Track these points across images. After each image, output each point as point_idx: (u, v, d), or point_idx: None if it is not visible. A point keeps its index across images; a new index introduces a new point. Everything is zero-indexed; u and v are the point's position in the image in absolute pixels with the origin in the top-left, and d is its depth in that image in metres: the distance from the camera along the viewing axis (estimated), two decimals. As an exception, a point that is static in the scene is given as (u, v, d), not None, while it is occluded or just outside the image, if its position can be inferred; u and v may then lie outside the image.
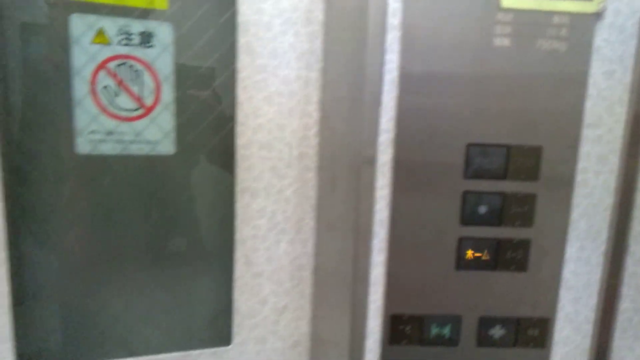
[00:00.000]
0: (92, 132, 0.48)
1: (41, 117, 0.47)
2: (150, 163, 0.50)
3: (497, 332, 0.52)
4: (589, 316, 0.53)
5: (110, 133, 0.49)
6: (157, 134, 0.50)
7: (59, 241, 0.51)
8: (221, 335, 0.56)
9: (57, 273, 0.51)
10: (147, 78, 0.48)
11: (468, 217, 0.50)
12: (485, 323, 0.52)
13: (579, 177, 0.50)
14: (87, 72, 0.47)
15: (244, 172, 0.53)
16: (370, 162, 0.48)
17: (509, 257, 0.51)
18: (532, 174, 0.49)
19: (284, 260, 0.56)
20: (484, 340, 0.52)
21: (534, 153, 0.49)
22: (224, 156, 0.52)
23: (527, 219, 0.50)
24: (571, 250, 0.51)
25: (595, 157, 0.50)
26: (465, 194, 0.49)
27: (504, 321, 0.52)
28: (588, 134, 0.49)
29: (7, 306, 0.47)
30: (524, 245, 0.50)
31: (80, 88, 0.47)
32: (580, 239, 0.51)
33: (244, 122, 0.52)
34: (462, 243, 0.50)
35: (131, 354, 0.53)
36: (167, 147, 0.50)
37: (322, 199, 0.55)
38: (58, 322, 0.51)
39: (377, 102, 0.48)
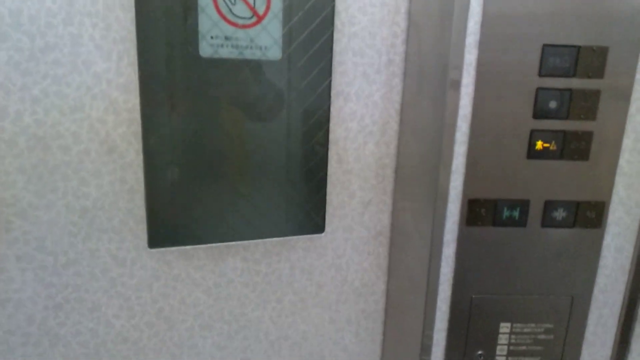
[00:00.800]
0: (213, 37, 0.55)
1: (169, 24, 0.54)
2: (261, 67, 0.58)
3: (559, 214, 0.61)
4: (639, 201, 0.62)
5: (228, 38, 0.55)
6: (268, 40, 0.57)
7: (180, 137, 0.58)
8: (316, 224, 0.65)
9: (180, 173, 0.60)
10: (262, -13, 0.55)
11: (540, 112, 0.57)
12: (550, 206, 0.61)
13: (639, 75, 0.57)
14: (209, -18, 0.53)
15: (339, 76, 0.60)
16: (459, 61, 0.55)
17: (573, 147, 0.59)
18: (598, 72, 0.56)
19: (370, 159, 0.64)
20: (548, 221, 0.61)
21: (601, 53, 0.56)
22: (322, 62, 0.59)
23: (591, 113, 0.58)
24: (627, 141, 0.59)
25: (653, 57, 0.57)
26: (539, 90, 0.57)
27: (565, 205, 0.61)
28: (649, 36, 0.56)
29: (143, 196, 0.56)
30: (587, 136, 0.58)
31: (202, -3, 0.54)
32: (636, 131, 0.59)
33: (340, 29, 0.58)
34: (533, 134, 0.58)
35: (242, 238, 0.62)
36: (275, 52, 0.58)
37: (406, 104, 0.62)
38: (182, 209, 0.60)
39: (465, 9, 0.55)
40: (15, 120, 0.50)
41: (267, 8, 0.56)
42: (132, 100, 0.53)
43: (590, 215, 0.61)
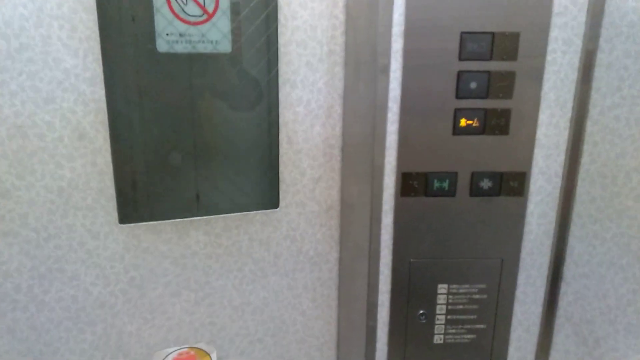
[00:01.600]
0: (168, 34, 0.63)
1: (128, 24, 0.62)
2: (213, 60, 0.65)
3: (485, 184, 0.69)
4: (558, 171, 0.69)
5: (181, 35, 0.63)
6: (218, 35, 0.64)
7: (143, 124, 0.66)
8: (271, 200, 0.73)
9: (145, 156, 0.67)
10: (209, -11, 0.62)
11: (462, 92, 0.65)
12: (476, 177, 0.68)
13: (549, 57, 0.64)
14: (163, -14, 0.61)
15: (285, 66, 0.67)
16: (387, 49, 0.63)
17: (494, 123, 0.66)
18: (512, 55, 0.64)
19: (318, 140, 0.72)
20: (475, 191, 0.69)
21: (513, 38, 0.63)
22: (268, 53, 0.67)
23: (508, 92, 0.65)
24: (543, 117, 0.67)
25: (561, 40, 0.64)
26: (460, 73, 0.64)
27: (490, 175, 0.68)
28: (556, 21, 0.63)
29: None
30: (505, 113, 0.66)
31: None
32: (550, 107, 0.66)
33: (284, 23, 0.66)
34: (457, 113, 0.65)
35: (205, 214, 0.70)
36: (225, 46, 0.65)
37: (347, 89, 0.70)
38: (148, 188, 0.68)
39: (390, 2, 0.62)
40: (-5, 112, 0.58)
41: (216, 6, 0.64)
42: (98, 92, 0.61)
43: (513, 184, 0.69)
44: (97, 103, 0.62)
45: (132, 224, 0.67)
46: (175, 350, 0.73)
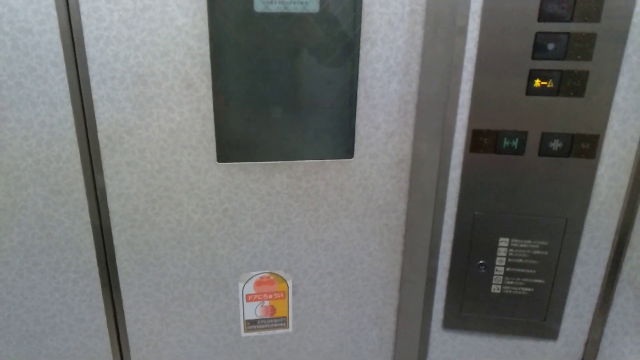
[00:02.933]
0: (264, -5, 0.71)
1: (231, -14, 0.71)
2: (302, 19, 0.73)
3: (555, 145, 0.71)
4: (634, 135, 0.70)
5: (275, -4, 0.71)
6: (307, -3, 0.72)
7: (241, 76, 0.76)
8: (347, 150, 0.81)
9: (240, 105, 0.78)
10: (302, -47, 0.69)
11: (538, 53, 0.67)
12: (546, 138, 0.71)
13: (635, 19, 0.64)
14: (261, -49, 0.69)
15: (367, 24, 0.73)
16: (466, 10, 0.66)
17: (569, 85, 0.68)
18: (595, 16, 0.64)
19: (394, 96, 0.78)
20: (544, 151, 0.72)
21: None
22: (353, 12, 0.73)
23: (587, 54, 0.66)
24: (623, 80, 0.67)
25: (650, 1, 0.63)
26: (538, 34, 0.66)
27: (561, 136, 0.71)
28: (646, -18, 0.63)
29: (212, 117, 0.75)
30: (582, 75, 0.67)
31: (256, -37, 0.69)
32: (632, 70, 0.67)
33: (368, -14, 0.71)
34: (532, 73, 0.68)
35: (288, 159, 0.80)
36: (313, 6, 0.72)
37: (426, 48, 0.75)
38: (243, 133, 0.79)
39: (471, -37, 0.65)
40: (124, 62, 0.71)
41: (307, -30, 0.71)
42: (204, 47, 0.72)
43: (584, 146, 0.71)
44: (203, 57, 0.72)
45: (228, 163, 0.79)
46: (258, 274, 0.86)
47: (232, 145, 0.80)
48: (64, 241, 0.79)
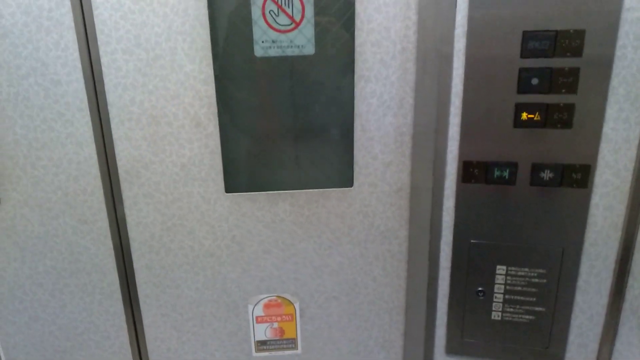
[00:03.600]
0: (263, 41, 0.78)
1: (232, 35, 0.78)
2: (299, 61, 0.79)
3: (546, 175, 0.73)
4: (628, 165, 0.71)
5: (274, 41, 0.78)
6: (303, 40, 0.78)
7: (245, 115, 0.83)
8: (346, 179, 0.86)
9: (245, 140, 0.85)
10: (297, 2, 0.76)
11: (523, 88, 0.70)
12: (537, 168, 0.73)
13: (619, 52, 0.66)
14: (260, 2, 0.76)
15: (361, 63, 0.78)
16: (450, 48, 0.70)
17: (556, 117, 0.70)
18: (576, 51, 0.67)
19: (389, 128, 0.82)
20: (536, 181, 0.74)
21: (578, 35, 0.66)
22: (346, 53, 0.79)
23: (572, 88, 0.68)
24: (611, 111, 0.69)
25: (632, 35, 0.65)
26: (521, 70, 0.69)
27: (551, 167, 0.72)
28: (627, 17, 0.64)
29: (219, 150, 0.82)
30: (568, 108, 0.69)
31: (255, 12, 0.76)
32: (619, 102, 0.68)
33: (360, 27, 0.77)
34: (518, 107, 0.71)
35: (291, 188, 0.86)
36: (310, 49, 0.78)
37: (417, 83, 0.79)
38: (247, 166, 0.86)
39: (453, 5, 0.69)
40: (139, 105, 0.80)
41: (302, 16, 0.77)
42: (210, 90, 0.80)
43: (576, 176, 0.72)
44: (210, 98, 0.80)
45: (235, 193, 0.86)
46: (266, 297, 0.92)
47: (238, 177, 0.87)
48: (90, 265, 0.89)
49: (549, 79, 0.68)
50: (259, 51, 0.78)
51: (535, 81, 0.69)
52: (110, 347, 0.94)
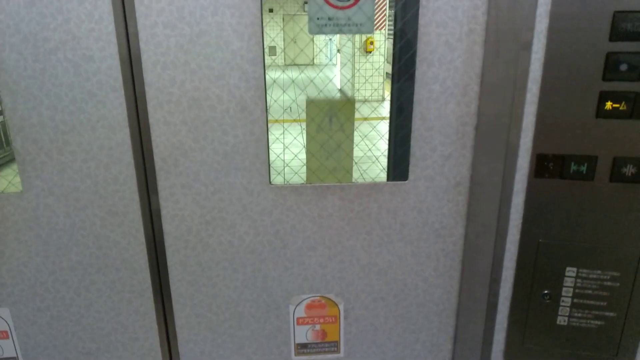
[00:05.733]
0: (319, 18, 0.74)
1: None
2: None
3: (629, 170, 0.70)
4: None
5: (330, 19, 0.74)
6: (363, 18, 0.74)
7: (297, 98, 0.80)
8: (401, 172, 0.82)
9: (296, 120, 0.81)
10: (358, -25, 0.72)
11: (610, 74, 0.66)
12: (619, 162, 0.70)
13: None
14: (317, -26, 0.72)
15: (424, 45, 0.75)
16: (530, 29, 0.67)
17: (645, 107, 0.67)
18: (673, 35, 0.63)
19: (451, 117, 0.79)
20: (616, 176, 0.71)
21: (677, 17, 0.63)
22: (408, 34, 0.75)
23: (664, 75, 0.65)
24: None
25: None
26: (609, 55, 0.66)
27: (636, 161, 0.69)
28: None
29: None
30: (659, 97, 0.66)
31: (311, -14, 0.73)
32: None
33: (425, 5, 0.73)
34: (603, 95, 0.67)
35: (339, 180, 0.83)
36: (369, 28, 0.75)
37: (486, 68, 0.75)
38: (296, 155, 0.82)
39: (537, -18, 0.66)
40: (180, 86, 0.76)
41: (363, -9, 0.73)
42: (258, 71, 0.76)
43: (661, 172, 0.69)
44: (257, 80, 0.76)
45: (280, 185, 0.82)
46: (309, 297, 0.89)
47: (285, 167, 0.84)
48: (119, 261, 0.85)
49: (639, 65, 0.65)
50: (313, 29, 0.75)
51: (624, 67, 0.66)
52: (139, 350, 0.90)
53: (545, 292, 0.79)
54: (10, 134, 0.79)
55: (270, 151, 0.80)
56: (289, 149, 0.89)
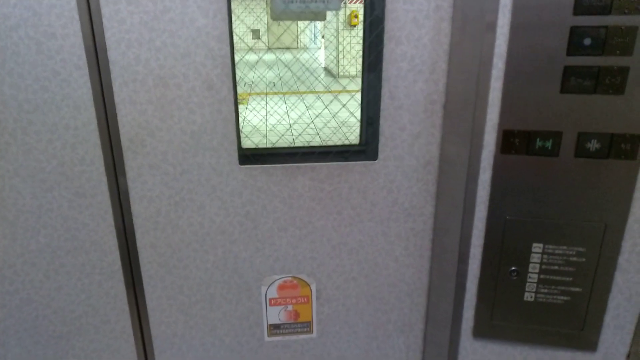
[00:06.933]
0: (285, -5, 0.70)
1: (252, -14, 0.70)
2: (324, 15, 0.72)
3: (592, 145, 0.68)
4: (681, 135, 0.66)
5: (297, -5, 0.70)
6: (329, -5, 0.70)
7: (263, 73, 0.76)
8: (371, 152, 0.79)
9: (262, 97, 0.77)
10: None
11: (574, 49, 0.64)
12: (583, 138, 0.68)
13: (681, 10, 0.60)
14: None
15: (391, 22, 0.72)
16: (496, 4, 0.64)
17: (608, 82, 0.64)
18: (636, 8, 0.61)
19: (420, 96, 0.76)
20: (581, 152, 0.68)
21: (639, -11, 0.60)
22: (375, 11, 0.72)
23: (627, 49, 0.63)
24: (668, 76, 0.63)
25: (699, -10, 0.59)
26: (573, 29, 0.63)
27: (599, 136, 0.67)
28: (694, -31, 0.59)
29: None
30: (622, 72, 0.64)
31: (277, -38, 0.69)
32: (678, 65, 0.63)
33: (392, -18, 0.70)
34: (567, 71, 0.65)
35: (311, 161, 0.79)
36: (336, 4, 0.71)
37: (454, 45, 0.72)
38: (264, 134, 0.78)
39: (501, -45, 0.62)
40: (145, 64, 0.72)
41: (329, -33, 0.69)
42: (224, 48, 0.72)
43: (625, 147, 0.67)
44: (224, 58, 0.72)
45: (249, 166, 0.78)
46: (281, 278, 0.85)
47: (253, 151, 0.80)
48: (88, 243, 0.81)
49: (603, 39, 0.63)
50: (279, 5, 0.71)
51: (587, 41, 0.63)
52: (110, 332, 0.86)
53: (513, 268, 0.77)
54: (-27, 114, 0.74)
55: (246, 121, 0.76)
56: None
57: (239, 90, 0.75)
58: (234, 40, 0.73)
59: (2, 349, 0.86)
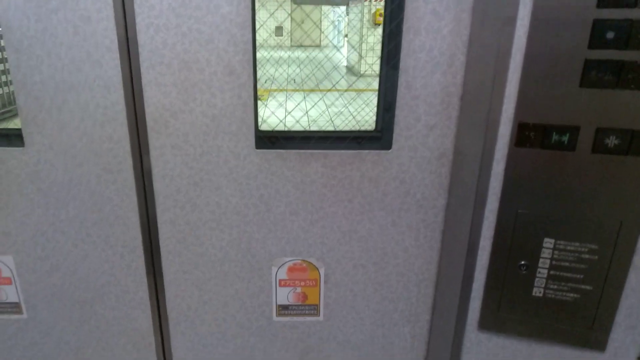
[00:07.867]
0: (307, -17, 0.68)
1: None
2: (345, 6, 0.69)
3: (611, 141, 0.63)
4: None
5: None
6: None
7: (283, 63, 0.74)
8: (385, 140, 0.76)
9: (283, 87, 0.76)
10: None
11: (596, 42, 0.59)
12: (602, 133, 0.63)
13: None
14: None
15: (411, 12, 0.68)
16: (513, 4, 0.60)
17: (630, 77, 0.59)
18: (663, 0, 0.56)
19: (437, 87, 0.72)
20: (599, 147, 0.63)
21: (668, -20, 0.55)
22: (394, 1, 0.68)
23: (653, 43, 0.57)
24: (695, 72, 0.58)
25: None
26: (596, 22, 0.58)
27: (618, 132, 0.62)
28: None
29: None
30: (646, 66, 0.58)
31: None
32: None
33: (412, -28, 0.66)
34: (588, 64, 0.60)
35: (324, 148, 0.77)
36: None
37: (472, 36, 0.68)
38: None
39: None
40: (171, 49, 0.71)
41: (350, -44, 0.67)
42: (247, 35, 0.70)
43: (645, 144, 0.62)
44: (246, 44, 0.71)
45: (265, 150, 0.77)
46: (291, 260, 0.83)
47: (270, 134, 0.78)
48: (113, 217, 0.81)
49: (627, 32, 0.58)
50: (301, -6, 0.69)
51: (610, 35, 0.58)
52: (130, 302, 0.87)
53: (522, 262, 0.72)
54: (14, 91, 0.75)
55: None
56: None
57: (258, 86, 0.73)
58: (257, 39, 0.72)
59: (32, 311, 0.88)
